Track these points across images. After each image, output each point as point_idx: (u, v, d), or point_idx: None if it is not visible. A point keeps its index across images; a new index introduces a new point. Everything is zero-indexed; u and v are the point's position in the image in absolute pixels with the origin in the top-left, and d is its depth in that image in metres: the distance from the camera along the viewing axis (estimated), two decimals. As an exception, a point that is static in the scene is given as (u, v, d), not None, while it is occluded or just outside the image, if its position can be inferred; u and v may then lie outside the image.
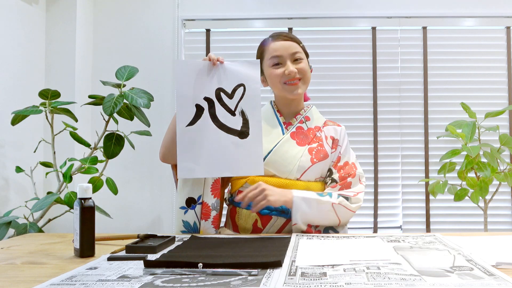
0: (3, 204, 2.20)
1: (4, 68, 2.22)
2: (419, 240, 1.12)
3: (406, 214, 2.70)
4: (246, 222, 1.36)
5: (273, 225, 1.35)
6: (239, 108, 1.27)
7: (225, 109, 1.27)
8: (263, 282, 0.76)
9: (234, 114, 1.27)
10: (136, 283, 0.76)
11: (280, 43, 1.41)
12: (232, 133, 1.26)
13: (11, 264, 0.95)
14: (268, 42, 1.44)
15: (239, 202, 1.32)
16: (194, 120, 1.25)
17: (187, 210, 1.34)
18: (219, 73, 1.28)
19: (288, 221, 1.34)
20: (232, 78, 1.28)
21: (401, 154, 2.70)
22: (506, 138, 2.30)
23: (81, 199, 1.02)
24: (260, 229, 1.35)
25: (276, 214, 1.34)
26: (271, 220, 1.35)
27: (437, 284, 0.73)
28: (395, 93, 2.70)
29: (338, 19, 2.72)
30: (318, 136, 1.43)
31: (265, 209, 1.32)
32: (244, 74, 1.29)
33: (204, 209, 1.33)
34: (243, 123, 1.27)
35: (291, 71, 1.38)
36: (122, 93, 1.99)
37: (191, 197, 1.34)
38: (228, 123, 1.26)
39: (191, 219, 1.33)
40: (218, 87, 1.27)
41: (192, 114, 1.25)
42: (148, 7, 2.73)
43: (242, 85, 1.28)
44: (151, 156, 2.69)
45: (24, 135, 2.33)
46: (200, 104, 1.26)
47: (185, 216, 1.33)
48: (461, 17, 2.70)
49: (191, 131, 1.25)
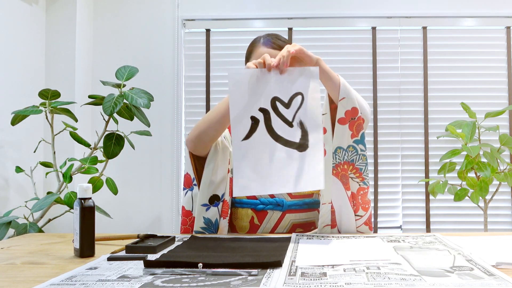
0: (3, 204, 2.20)
1: (4, 68, 2.22)
2: (419, 240, 1.12)
3: (406, 214, 2.70)
4: (242, 220, 1.37)
5: (269, 220, 1.36)
6: (297, 119, 1.17)
7: (282, 120, 1.17)
8: (263, 282, 0.76)
9: (291, 125, 1.17)
10: (136, 283, 0.76)
11: (269, 51, 1.37)
12: (290, 145, 1.17)
13: (11, 264, 0.95)
14: (258, 44, 1.41)
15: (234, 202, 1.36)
16: (249, 133, 1.17)
17: (210, 207, 1.31)
18: (274, 80, 1.18)
19: (284, 215, 1.36)
20: (289, 86, 1.18)
21: (401, 154, 2.70)
22: (506, 138, 2.30)
23: (81, 199, 1.02)
24: (257, 225, 1.36)
25: (272, 207, 1.36)
26: (267, 215, 1.36)
27: (437, 284, 0.73)
28: (395, 93, 2.71)
29: (338, 19, 2.72)
30: None
31: (260, 204, 1.35)
32: (302, 82, 1.18)
33: (224, 207, 1.32)
34: (301, 135, 1.17)
35: None
36: (122, 93, 1.99)
37: (216, 195, 1.31)
38: (285, 135, 1.17)
39: (213, 216, 1.31)
40: (273, 96, 1.18)
41: (248, 127, 1.17)
42: (148, 7, 2.73)
43: (300, 93, 1.17)
44: (151, 156, 2.69)
45: (24, 135, 2.33)
46: (255, 116, 1.17)
47: (207, 213, 1.30)
48: (461, 17, 2.70)
49: (247, 146, 1.16)
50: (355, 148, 1.28)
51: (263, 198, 1.36)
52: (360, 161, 1.28)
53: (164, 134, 2.70)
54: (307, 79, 1.18)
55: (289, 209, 1.37)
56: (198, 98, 2.75)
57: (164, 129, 2.70)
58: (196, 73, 2.76)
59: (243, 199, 1.37)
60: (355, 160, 1.28)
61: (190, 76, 2.77)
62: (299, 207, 1.39)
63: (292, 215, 1.38)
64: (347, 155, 1.28)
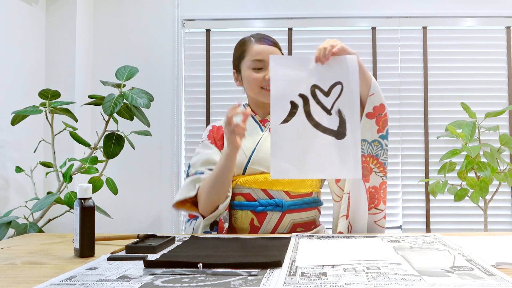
0: (3, 204, 2.20)
1: (4, 68, 2.22)
2: (419, 240, 1.12)
3: (406, 214, 2.70)
4: (243, 222, 1.37)
5: (269, 221, 1.36)
6: (336, 107, 1.20)
7: (320, 107, 1.20)
8: (263, 282, 0.76)
9: (330, 113, 1.20)
10: (136, 283, 0.76)
11: (265, 47, 1.39)
12: (328, 133, 1.19)
13: (11, 264, 0.95)
14: (251, 43, 1.41)
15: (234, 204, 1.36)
16: (288, 117, 1.20)
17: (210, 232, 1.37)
18: (315, 69, 1.21)
19: (284, 215, 1.35)
20: (329, 75, 1.21)
21: (401, 154, 2.70)
22: (506, 138, 2.30)
23: (81, 199, 1.02)
24: (257, 227, 1.36)
25: (271, 209, 1.35)
26: (267, 216, 1.35)
27: (437, 284, 0.73)
28: (395, 93, 2.70)
29: (338, 19, 2.72)
30: None
31: (259, 206, 1.35)
32: (342, 72, 1.21)
33: (220, 225, 1.36)
34: (339, 123, 1.19)
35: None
36: (122, 93, 1.99)
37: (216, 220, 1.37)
38: (323, 123, 1.20)
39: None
40: (313, 84, 1.21)
41: (287, 111, 1.20)
42: (148, 7, 2.73)
43: (339, 83, 1.20)
44: (151, 156, 2.69)
45: (24, 135, 2.33)
46: (294, 101, 1.20)
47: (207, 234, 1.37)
48: (461, 17, 2.70)
49: (285, 129, 1.19)
50: (380, 143, 1.30)
51: (262, 200, 1.36)
52: (384, 156, 1.32)
53: (164, 134, 2.70)
54: (347, 69, 1.21)
55: (289, 209, 1.36)
56: (198, 98, 2.75)
57: (164, 129, 2.70)
58: (196, 73, 2.76)
59: (242, 201, 1.37)
60: (380, 154, 1.31)
61: (190, 76, 2.77)
62: (299, 206, 1.39)
63: (292, 215, 1.37)
64: (371, 149, 1.31)
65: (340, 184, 1.38)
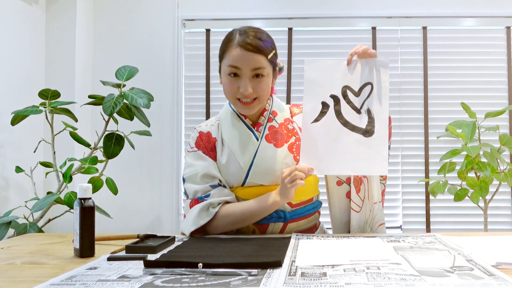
0: (3, 204, 2.20)
1: (4, 68, 2.22)
2: (419, 240, 1.12)
3: (406, 214, 2.70)
4: (244, 233, 1.33)
5: (271, 232, 1.33)
6: (365, 106, 1.24)
7: (350, 107, 1.25)
8: (263, 282, 0.76)
9: (359, 112, 1.24)
10: (136, 283, 0.76)
11: (244, 53, 1.22)
12: (357, 131, 1.24)
13: (11, 264, 0.95)
14: (233, 44, 1.25)
15: None
16: (319, 117, 1.26)
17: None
18: (347, 71, 1.27)
19: (285, 226, 1.33)
20: (360, 77, 1.26)
21: (401, 154, 2.70)
22: (506, 138, 2.29)
23: (81, 199, 1.02)
24: None
25: (274, 220, 1.32)
26: (269, 227, 1.32)
27: (437, 284, 0.73)
28: (395, 93, 2.70)
29: (338, 19, 2.72)
30: (291, 128, 1.37)
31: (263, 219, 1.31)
32: (373, 73, 1.25)
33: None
34: (368, 121, 1.24)
35: (246, 91, 1.24)
36: (122, 93, 1.99)
37: None
38: (352, 121, 1.24)
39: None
40: (345, 85, 1.26)
41: (318, 111, 1.26)
42: (148, 7, 2.73)
43: (370, 83, 1.25)
44: (151, 156, 2.69)
45: (24, 135, 2.33)
46: (326, 101, 1.26)
47: None
48: (461, 17, 2.69)
49: (315, 128, 1.25)
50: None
51: None
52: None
53: (164, 134, 2.70)
54: (378, 70, 1.25)
55: (292, 219, 1.33)
56: (198, 98, 2.75)
57: (164, 129, 2.70)
58: (196, 73, 2.76)
59: None
60: None
61: (190, 76, 2.77)
62: (301, 215, 1.35)
63: (294, 224, 1.34)
64: None
65: (360, 194, 1.33)
